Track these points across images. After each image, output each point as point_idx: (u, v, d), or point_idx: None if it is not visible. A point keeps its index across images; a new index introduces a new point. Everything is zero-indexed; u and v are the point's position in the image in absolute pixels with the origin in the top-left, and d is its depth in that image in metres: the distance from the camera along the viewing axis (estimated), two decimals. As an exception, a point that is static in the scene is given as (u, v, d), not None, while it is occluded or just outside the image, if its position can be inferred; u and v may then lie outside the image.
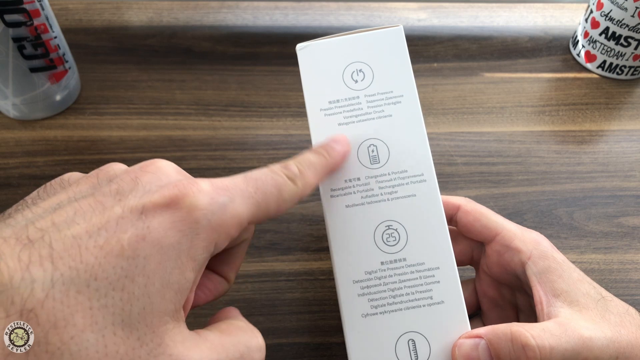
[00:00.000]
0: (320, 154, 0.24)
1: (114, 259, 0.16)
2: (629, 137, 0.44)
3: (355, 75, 0.27)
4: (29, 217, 0.17)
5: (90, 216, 0.17)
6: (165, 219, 0.17)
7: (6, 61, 0.38)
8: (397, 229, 0.25)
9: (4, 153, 0.41)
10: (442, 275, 0.24)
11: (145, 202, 0.18)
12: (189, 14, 0.53)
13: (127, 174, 0.19)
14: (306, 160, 0.23)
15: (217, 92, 0.46)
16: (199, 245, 0.18)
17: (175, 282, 0.17)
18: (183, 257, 0.17)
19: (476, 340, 0.23)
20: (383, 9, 0.55)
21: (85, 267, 0.16)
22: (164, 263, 0.17)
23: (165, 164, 0.20)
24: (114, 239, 0.16)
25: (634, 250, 0.37)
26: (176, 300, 0.17)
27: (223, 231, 0.18)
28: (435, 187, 0.26)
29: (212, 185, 0.19)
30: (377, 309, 0.24)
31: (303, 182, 0.22)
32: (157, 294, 0.17)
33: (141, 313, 0.16)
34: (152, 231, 0.17)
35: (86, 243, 0.16)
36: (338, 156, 0.24)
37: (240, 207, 0.19)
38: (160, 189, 0.18)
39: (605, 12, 0.46)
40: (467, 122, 0.45)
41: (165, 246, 0.17)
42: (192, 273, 0.18)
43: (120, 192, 0.18)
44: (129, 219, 0.17)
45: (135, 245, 0.17)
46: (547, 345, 0.21)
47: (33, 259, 0.15)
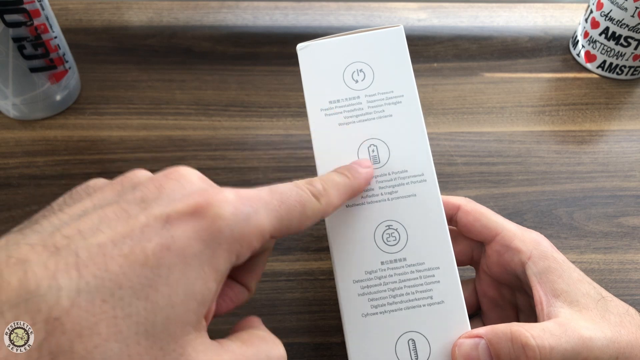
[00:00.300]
0: (344, 175, 0.24)
1: (138, 268, 0.16)
2: (629, 137, 0.44)
3: (356, 75, 0.27)
4: (56, 223, 0.17)
5: (115, 224, 0.17)
6: (189, 228, 0.17)
7: (6, 61, 0.38)
8: (397, 229, 0.25)
9: (4, 153, 0.41)
10: (442, 275, 0.25)
11: (170, 211, 0.18)
12: (189, 14, 0.53)
13: (152, 181, 0.19)
14: (331, 180, 0.23)
15: (217, 92, 0.46)
16: (221, 256, 0.18)
17: (199, 293, 0.17)
18: (206, 268, 0.17)
19: (476, 340, 0.23)
20: (383, 9, 0.55)
21: (110, 275, 0.16)
22: (187, 273, 0.17)
23: (189, 171, 0.20)
24: (139, 248, 0.16)
25: (634, 250, 0.37)
26: (199, 311, 0.17)
27: (245, 242, 0.18)
28: (436, 187, 0.26)
29: (237, 195, 0.19)
30: (377, 309, 0.24)
31: (326, 200, 0.22)
32: (181, 304, 0.17)
33: (164, 323, 0.16)
34: (177, 240, 0.17)
35: (111, 252, 0.16)
36: (361, 179, 0.24)
37: (263, 219, 0.19)
38: (184, 197, 0.18)
39: (605, 12, 0.46)
40: (467, 122, 0.45)
41: (188, 256, 0.17)
42: (214, 284, 0.18)
43: (145, 200, 0.18)
44: (153, 227, 0.17)
45: (159, 254, 0.17)
46: (547, 345, 0.21)
47: (60, 266, 0.15)
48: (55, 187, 0.39)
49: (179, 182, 0.19)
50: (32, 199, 0.38)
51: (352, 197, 0.24)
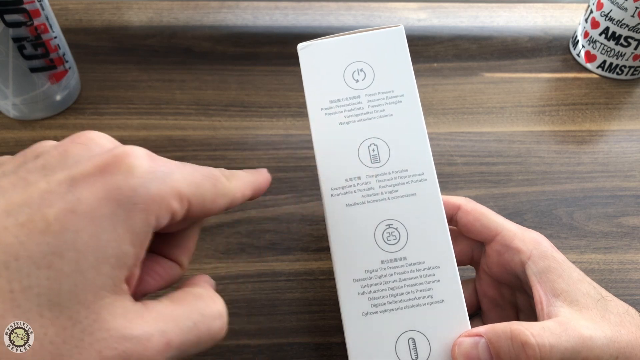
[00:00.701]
0: (250, 173, 0.23)
1: (37, 236, 0.15)
2: (629, 137, 0.44)
3: (356, 74, 0.27)
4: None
5: (11, 194, 0.16)
6: (98, 188, 0.16)
7: (6, 61, 0.38)
8: (397, 228, 0.25)
9: (4, 153, 0.41)
10: (442, 274, 0.25)
11: (75, 173, 0.16)
12: (189, 14, 0.53)
13: (56, 148, 0.18)
14: (237, 171, 0.22)
15: (217, 92, 0.46)
16: (137, 217, 0.16)
17: (112, 256, 0.16)
18: (119, 229, 0.16)
19: (476, 338, 0.23)
20: (383, 9, 0.55)
21: (4, 248, 0.15)
22: (97, 235, 0.16)
23: (96, 134, 0.19)
24: (38, 215, 0.15)
25: (634, 250, 0.37)
26: (114, 275, 0.16)
27: (164, 203, 0.17)
28: (436, 186, 0.26)
29: (149, 155, 0.18)
30: (377, 308, 0.24)
31: (235, 183, 0.21)
32: (91, 269, 0.15)
33: (73, 290, 0.15)
34: (83, 202, 0.16)
35: (4, 222, 0.15)
36: (263, 179, 0.23)
37: (180, 181, 0.18)
38: (92, 157, 0.17)
39: (605, 12, 0.46)
40: (467, 122, 0.45)
41: (98, 217, 0.16)
42: (131, 247, 0.16)
43: (47, 167, 0.17)
44: (56, 192, 0.16)
45: (63, 219, 0.15)
46: (547, 344, 0.21)
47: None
48: (55, 187, 0.39)
49: (86, 145, 0.18)
50: (32, 198, 0.38)
51: (255, 193, 0.23)
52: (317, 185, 0.26)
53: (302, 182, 0.40)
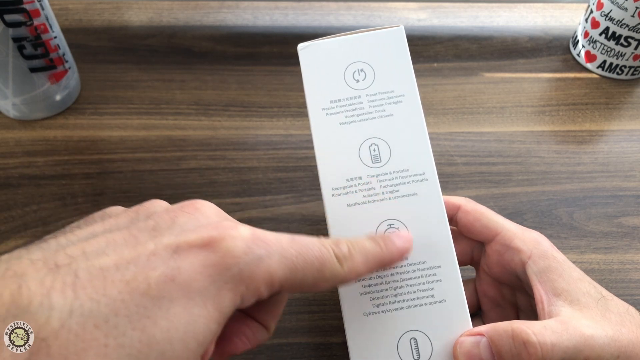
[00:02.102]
0: (377, 243, 0.22)
1: (138, 296, 0.15)
2: (629, 137, 0.44)
3: (357, 74, 0.27)
4: (62, 243, 0.17)
5: (122, 249, 0.17)
6: (197, 261, 0.17)
7: (6, 61, 0.38)
8: (398, 228, 0.25)
9: (4, 153, 0.41)
10: (443, 274, 0.25)
11: (180, 241, 0.17)
12: (189, 14, 0.53)
13: (167, 212, 0.19)
14: (360, 245, 0.21)
15: (217, 92, 0.46)
16: (226, 296, 0.17)
17: (200, 333, 0.16)
18: (209, 306, 0.16)
19: (477, 337, 0.23)
20: (383, 9, 0.55)
21: (108, 300, 0.15)
22: (189, 309, 0.16)
23: (205, 205, 0.20)
24: (142, 276, 0.16)
25: (634, 250, 0.37)
26: (197, 351, 0.16)
27: (252, 286, 0.17)
28: (437, 185, 0.26)
29: (253, 234, 0.18)
30: (378, 308, 0.24)
31: (350, 266, 0.20)
32: (180, 341, 0.16)
33: (159, 358, 0.15)
34: (182, 272, 0.16)
35: (113, 276, 0.16)
36: (395, 251, 0.22)
37: (275, 266, 0.18)
38: (197, 228, 0.18)
39: (605, 12, 0.46)
40: (467, 122, 0.45)
41: (193, 291, 0.16)
42: (216, 325, 0.17)
43: (157, 229, 0.18)
44: (160, 256, 0.16)
45: (162, 285, 0.16)
46: (549, 342, 0.21)
47: (56, 285, 0.15)
48: (55, 187, 0.39)
49: (193, 215, 0.19)
50: (32, 199, 0.38)
51: (381, 269, 0.22)
52: (317, 185, 0.26)
53: (302, 182, 0.40)
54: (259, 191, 0.39)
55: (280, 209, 0.38)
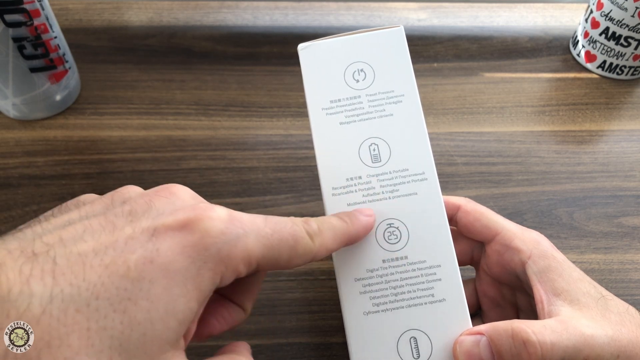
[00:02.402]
0: (342, 220, 0.23)
1: (118, 279, 0.16)
2: (629, 137, 0.44)
3: (357, 74, 0.27)
4: (38, 231, 0.17)
5: (99, 235, 0.17)
6: (175, 243, 0.17)
7: (6, 61, 0.38)
8: (398, 227, 0.25)
9: (4, 153, 0.41)
10: (443, 273, 0.25)
11: (158, 224, 0.17)
12: (189, 14, 0.53)
13: (142, 197, 0.19)
14: (328, 222, 0.22)
15: (217, 92, 0.46)
16: (205, 275, 0.17)
17: (180, 311, 0.17)
18: (189, 285, 0.17)
19: (477, 337, 0.23)
20: (383, 9, 0.55)
21: (88, 285, 0.15)
22: (170, 289, 0.16)
23: (180, 189, 0.20)
24: (121, 259, 0.16)
25: (634, 250, 0.37)
26: (178, 330, 0.17)
27: (231, 265, 0.18)
28: (436, 185, 0.26)
29: (229, 214, 0.19)
30: (378, 307, 0.24)
31: (320, 241, 0.21)
32: (160, 320, 0.16)
33: (141, 339, 0.16)
34: (161, 254, 0.17)
35: (91, 261, 0.16)
36: (360, 226, 0.24)
37: (252, 244, 0.18)
38: (174, 211, 0.18)
39: (605, 12, 0.46)
40: (467, 122, 0.45)
41: (172, 271, 0.17)
42: (196, 303, 0.17)
43: (133, 214, 0.18)
44: (138, 239, 0.17)
45: (142, 267, 0.16)
46: (548, 341, 0.21)
47: (34, 272, 0.15)
48: (55, 187, 0.39)
49: (169, 199, 0.19)
50: (32, 199, 0.38)
51: (348, 244, 0.23)
52: (317, 185, 0.26)
53: (302, 182, 0.40)
54: (259, 191, 0.39)
55: (280, 209, 0.38)
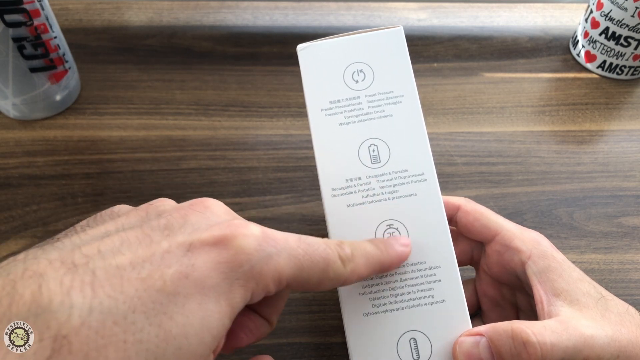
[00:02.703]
0: (377, 247, 0.23)
1: (154, 293, 0.16)
2: (629, 137, 0.44)
3: (356, 75, 0.27)
4: (77, 242, 0.17)
5: (136, 248, 0.17)
6: (210, 258, 0.17)
7: (6, 61, 0.38)
8: (398, 228, 0.25)
9: (4, 153, 0.41)
10: (443, 274, 0.25)
11: (193, 240, 0.17)
12: (189, 14, 0.53)
13: (177, 210, 0.19)
14: (361, 249, 0.22)
15: (217, 92, 0.46)
16: (237, 291, 0.17)
17: (214, 327, 0.17)
18: (222, 301, 0.17)
19: (477, 337, 0.23)
20: (383, 9, 0.55)
21: (125, 298, 0.15)
22: (204, 305, 0.17)
23: (214, 203, 0.20)
24: (157, 273, 0.16)
25: (634, 250, 0.37)
26: (211, 344, 0.17)
27: (262, 282, 0.18)
28: (436, 186, 0.26)
29: (263, 232, 0.19)
30: (378, 308, 0.24)
31: (352, 267, 0.21)
32: (195, 335, 0.16)
33: (176, 353, 0.16)
34: (196, 270, 0.17)
35: (129, 274, 0.16)
36: (395, 255, 0.23)
37: (284, 263, 0.19)
38: (209, 227, 0.18)
39: (605, 12, 0.46)
40: (467, 122, 0.45)
41: (207, 287, 0.17)
42: (228, 319, 0.17)
43: (169, 228, 0.18)
44: (174, 254, 0.17)
45: (177, 282, 0.16)
46: (548, 342, 0.21)
47: (75, 284, 0.15)
48: (55, 187, 0.39)
49: (204, 213, 0.19)
50: (32, 199, 0.38)
51: (381, 272, 0.23)
52: (317, 185, 0.26)
53: (302, 182, 0.40)
54: (259, 191, 0.39)
55: (280, 209, 0.38)
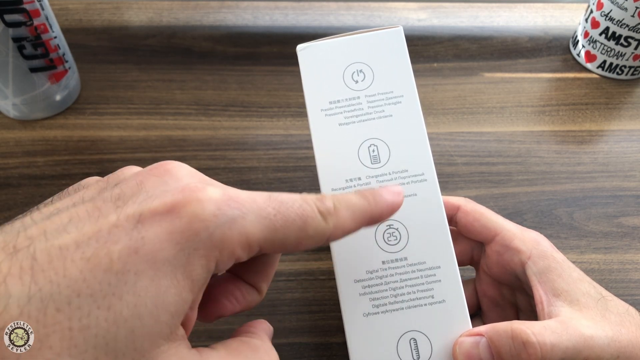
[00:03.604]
0: (365, 197, 0.20)
1: (101, 273, 0.14)
2: (629, 137, 0.44)
3: (356, 75, 0.27)
4: (27, 223, 0.16)
5: (83, 224, 0.15)
6: (161, 229, 0.15)
7: (6, 61, 0.38)
8: (398, 229, 0.25)
9: (4, 153, 0.41)
10: (443, 274, 0.25)
11: (144, 209, 0.16)
12: (189, 14, 0.53)
13: (134, 177, 0.17)
14: (346, 200, 0.19)
15: (217, 92, 0.46)
16: (196, 263, 0.16)
17: (171, 304, 0.15)
18: (179, 275, 0.16)
19: (477, 338, 0.23)
20: (383, 9, 0.55)
21: (68, 281, 0.14)
22: (157, 281, 0.15)
23: (176, 166, 0.18)
24: (103, 251, 0.15)
25: (634, 250, 0.37)
26: (172, 322, 0.16)
27: (226, 249, 0.16)
28: (436, 186, 0.26)
29: (224, 194, 0.17)
30: (378, 308, 0.24)
31: (335, 221, 0.19)
32: (149, 315, 0.15)
33: (129, 336, 0.14)
34: (147, 243, 0.15)
35: (73, 254, 0.15)
36: (384, 205, 0.20)
37: (251, 226, 0.17)
38: (162, 194, 0.16)
39: (605, 12, 0.46)
40: (467, 122, 0.45)
41: (159, 261, 0.15)
42: (190, 293, 0.16)
43: (121, 198, 0.16)
44: (123, 228, 0.15)
45: (125, 258, 0.15)
46: (548, 343, 0.21)
47: (13, 270, 0.14)
48: (55, 187, 0.39)
49: (162, 178, 0.17)
50: (32, 199, 0.38)
51: (369, 225, 0.20)
52: (317, 185, 0.26)
53: (302, 182, 0.40)
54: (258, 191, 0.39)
55: (280, 209, 0.38)
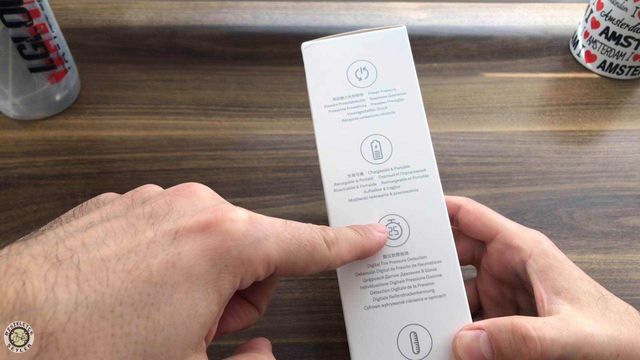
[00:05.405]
0: (358, 232, 0.23)
1: (141, 284, 0.16)
2: (629, 137, 0.44)
3: (359, 73, 0.27)
4: (61, 235, 0.17)
5: (121, 238, 0.17)
6: (197, 245, 0.17)
7: (6, 61, 0.38)
8: (399, 223, 0.25)
9: (4, 153, 0.41)
10: (444, 269, 0.25)
11: (179, 227, 0.17)
12: (189, 14, 0.53)
13: (162, 196, 0.19)
14: (344, 232, 0.22)
15: (217, 92, 0.46)
16: (225, 278, 0.17)
17: (202, 315, 0.17)
18: (210, 289, 0.17)
19: (477, 332, 0.23)
20: (383, 8, 0.55)
21: (111, 291, 0.15)
22: (191, 293, 0.16)
23: (200, 188, 0.20)
24: (143, 264, 0.16)
25: (634, 250, 0.37)
26: (200, 333, 0.17)
27: (251, 267, 0.18)
28: (437, 182, 0.26)
29: (250, 217, 0.18)
30: (379, 302, 0.24)
31: (336, 250, 0.21)
32: (183, 325, 0.16)
33: (165, 344, 0.16)
34: (183, 258, 0.17)
35: (114, 266, 0.16)
36: (374, 241, 0.24)
37: (272, 248, 0.18)
38: (195, 213, 0.18)
39: (606, 12, 0.46)
40: (467, 122, 0.45)
41: (194, 275, 0.17)
42: (217, 307, 0.17)
43: (154, 216, 0.18)
44: (160, 243, 0.17)
45: (164, 272, 0.16)
46: (548, 337, 0.21)
47: (59, 279, 0.15)
48: (55, 187, 0.39)
49: (189, 199, 0.19)
50: (32, 199, 0.38)
51: (361, 257, 0.24)
52: (317, 185, 0.26)
53: (302, 182, 0.40)
54: (259, 191, 0.39)
55: (280, 209, 0.38)
